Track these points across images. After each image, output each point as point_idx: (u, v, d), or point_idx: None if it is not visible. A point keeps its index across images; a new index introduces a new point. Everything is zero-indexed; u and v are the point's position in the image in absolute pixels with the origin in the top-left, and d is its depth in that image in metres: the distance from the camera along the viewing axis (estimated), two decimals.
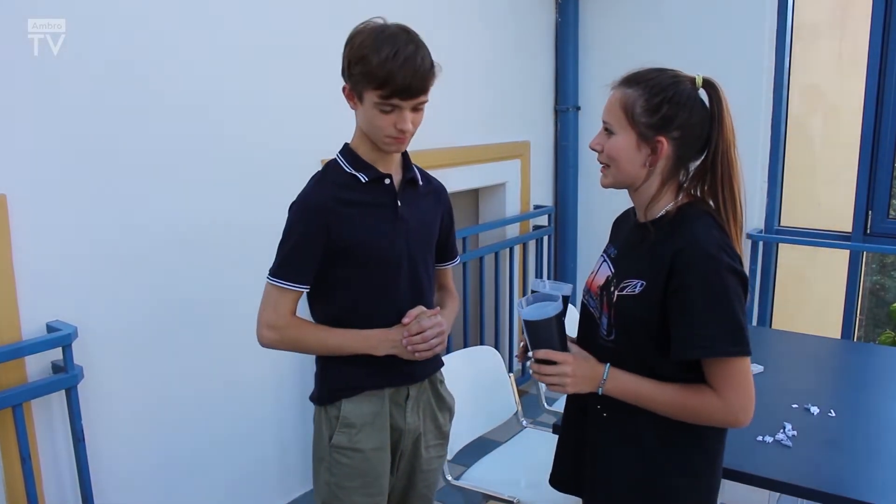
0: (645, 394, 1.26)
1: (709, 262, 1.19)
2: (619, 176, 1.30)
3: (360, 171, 1.46)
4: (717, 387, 1.21)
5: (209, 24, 2.08)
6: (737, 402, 1.21)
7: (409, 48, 1.33)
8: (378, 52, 1.31)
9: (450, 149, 3.05)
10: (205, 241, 2.14)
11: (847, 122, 3.49)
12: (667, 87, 1.24)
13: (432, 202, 1.60)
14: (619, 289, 1.29)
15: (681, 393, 1.24)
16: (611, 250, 1.42)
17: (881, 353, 2.51)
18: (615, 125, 1.27)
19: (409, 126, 1.38)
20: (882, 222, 3.21)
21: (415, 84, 1.33)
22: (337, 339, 1.47)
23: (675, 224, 1.27)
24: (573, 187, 3.90)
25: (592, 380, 1.28)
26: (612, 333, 1.30)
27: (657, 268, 1.23)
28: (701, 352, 1.20)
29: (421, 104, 1.39)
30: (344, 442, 1.49)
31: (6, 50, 1.66)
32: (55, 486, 1.84)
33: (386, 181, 1.48)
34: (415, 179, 1.55)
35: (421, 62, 1.33)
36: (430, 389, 1.62)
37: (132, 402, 2.00)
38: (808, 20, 3.60)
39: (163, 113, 1.99)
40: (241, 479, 2.35)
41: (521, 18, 3.51)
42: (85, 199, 1.84)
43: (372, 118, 1.38)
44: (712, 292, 1.19)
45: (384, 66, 1.30)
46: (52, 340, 1.73)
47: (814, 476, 1.58)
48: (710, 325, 1.18)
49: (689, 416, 1.25)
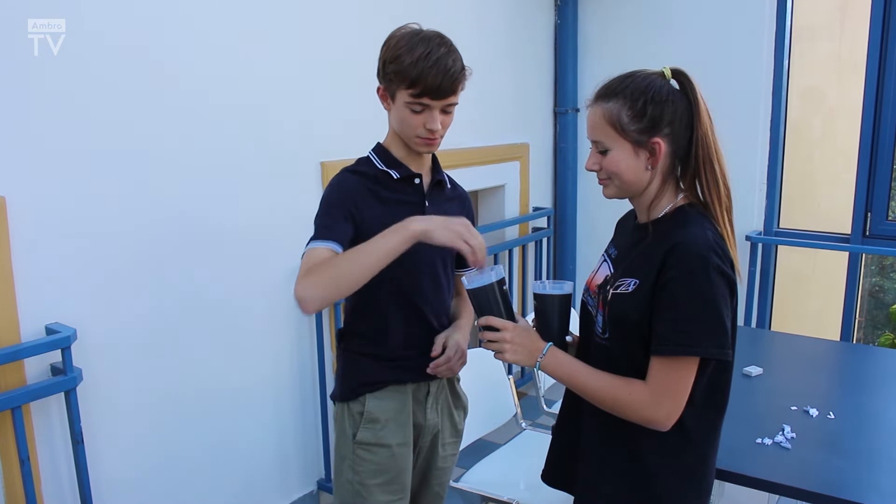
0: (578, 377, 1.29)
1: (697, 261, 1.18)
2: (624, 187, 1.30)
3: (391, 168, 1.50)
4: (649, 379, 1.21)
5: (211, 26, 2.08)
6: (663, 400, 1.20)
7: (442, 50, 1.38)
8: (411, 53, 1.36)
9: (449, 151, 3.05)
10: (205, 243, 2.15)
11: (846, 124, 3.50)
12: (644, 89, 1.24)
13: (457, 207, 1.62)
14: (613, 287, 1.29)
15: (612, 383, 1.25)
16: (611, 250, 1.43)
17: (880, 355, 2.50)
18: (607, 141, 1.27)
19: (438, 126, 1.42)
20: (881, 224, 3.21)
21: (445, 84, 1.37)
22: (366, 245, 1.32)
23: (672, 224, 1.27)
24: (572, 189, 3.90)
25: (532, 353, 1.31)
26: (606, 332, 1.30)
27: (649, 266, 1.23)
28: (681, 349, 1.18)
29: (451, 105, 1.43)
30: (369, 438, 1.51)
31: (6, 50, 1.66)
32: (54, 488, 1.84)
33: (416, 181, 1.52)
34: (443, 182, 1.59)
35: (452, 64, 1.38)
36: (448, 387, 1.65)
37: (131, 404, 2.00)
38: (807, 22, 3.61)
39: (163, 114, 1.99)
40: (241, 481, 2.35)
41: (520, 21, 3.51)
42: (84, 202, 1.84)
43: (403, 118, 1.43)
44: (698, 291, 1.18)
45: (416, 65, 1.36)
46: (52, 343, 1.73)
47: (813, 478, 1.57)
48: (694, 322, 1.18)
49: (616, 407, 1.25)
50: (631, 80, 1.27)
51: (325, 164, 2.46)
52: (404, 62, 1.37)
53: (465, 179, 3.35)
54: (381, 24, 1.61)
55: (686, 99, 1.26)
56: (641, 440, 1.28)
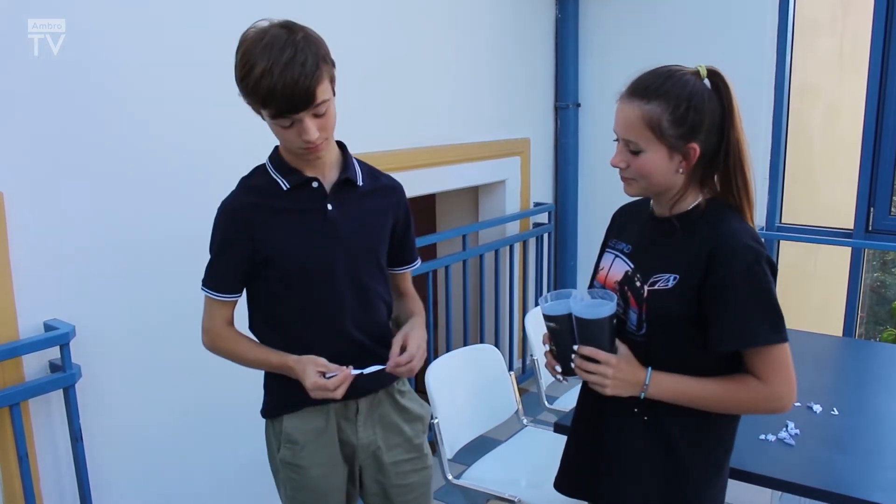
0: (689, 392, 1.27)
1: (749, 254, 1.21)
2: (651, 188, 1.29)
3: (284, 175, 1.38)
4: (763, 375, 1.23)
5: (211, 25, 2.07)
6: (782, 388, 1.24)
7: (286, 55, 1.19)
8: (254, 68, 1.20)
9: (449, 146, 3.04)
10: (204, 239, 2.13)
11: (848, 119, 3.49)
12: (688, 96, 1.22)
13: (379, 201, 1.46)
14: (648, 283, 1.28)
15: (725, 386, 1.25)
16: (621, 245, 1.40)
17: (883, 351, 2.50)
18: (642, 143, 1.24)
19: (313, 135, 1.26)
20: (884, 219, 3.20)
21: (298, 97, 1.21)
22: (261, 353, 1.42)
23: (706, 218, 1.27)
24: (573, 184, 3.89)
25: (634, 385, 1.27)
26: (643, 328, 1.29)
27: (692, 261, 1.24)
28: (746, 342, 1.22)
29: (318, 109, 1.26)
30: (288, 457, 1.45)
31: (6, 50, 1.65)
32: (53, 484, 1.84)
33: (313, 185, 1.38)
34: (351, 179, 1.42)
35: (301, 70, 1.20)
36: (388, 401, 1.52)
37: (130, 400, 1.99)
38: (809, 18, 3.59)
39: (162, 113, 1.98)
40: (240, 478, 2.34)
41: (520, 15, 3.50)
42: (83, 198, 1.83)
43: (277, 133, 1.31)
44: (755, 283, 1.21)
45: (260, 83, 1.20)
46: (50, 339, 1.72)
47: (816, 474, 1.57)
48: (755, 315, 1.21)
49: (736, 407, 1.28)
50: (671, 81, 1.24)
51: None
52: (249, 83, 1.22)
53: (465, 174, 3.38)
54: (379, 20, 1.60)
55: (720, 102, 1.25)
56: (676, 434, 1.30)
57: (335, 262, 1.39)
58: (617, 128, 1.28)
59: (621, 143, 1.28)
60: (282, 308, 1.43)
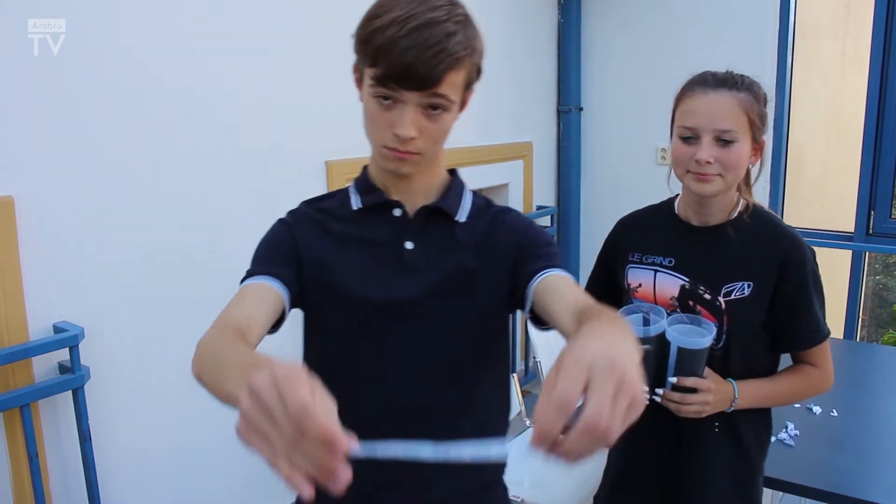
0: (769, 395, 1.33)
1: (811, 253, 1.29)
2: (732, 183, 1.27)
3: (361, 193, 1.09)
4: (818, 363, 1.33)
5: (217, 25, 2.09)
6: (830, 370, 1.35)
7: (430, 15, 0.88)
8: (386, 13, 0.89)
9: (451, 150, 3.05)
10: (213, 242, 2.15)
11: (849, 121, 3.49)
12: (763, 92, 1.28)
13: (480, 237, 1.09)
14: (721, 295, 1.28)
15: (791, 380, 1.33)
16: (657, 259, 1.35)
17: (884, 354, 2.51)
18: (739, 132, 1.22)
19: (408, 130, 0.93)
20: (885, 222, 3.21)
21: (419, 65, 0.88)
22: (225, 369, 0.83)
23: (761, 224, 1.30)
24: (576, 188, 3.90)
25: (725, 402, 1.29)
26: (721, 340, 1.30)
27: (764, 266, 1.26)
28: (818, 340, 1.31)
29: (435, 103, 0.94)
30: None
31: (6, 50, 1.66)
32: (62, 484, 1.85)
33: (395, 211, 1.06)
34: (444, 210, 1.07)
35: (442, 38, 0.88)
36: None
37: (139, 402, 2.01)
38: (810, 20, 3.61)
39: (170, 115, 1.99)
40: (248, 479, 2.35)
41: (523, 19, 3.52)
42: (92, 200, 1.84)
43: (368, 111, 0.99)
44: (818, 282, 1.30)
45: (383, 31, 0.88)
46: (59, 341, 1.74)
47: (816, 475, 1.58)
48: (820, 314, 1.30)
49: (800, 397, 1.38)
50: (746, 78, 1.29)
51: (331, 164, 2.47)
52: (370, 27, 0.90)
53: (468, 178, 3.37)
54: None
55: None
56: (746, 435, 1.35)
57: (405, 307, 1.03)
58: (702, 120, 1.22)
59: (709, 137, 1.22)
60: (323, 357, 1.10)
